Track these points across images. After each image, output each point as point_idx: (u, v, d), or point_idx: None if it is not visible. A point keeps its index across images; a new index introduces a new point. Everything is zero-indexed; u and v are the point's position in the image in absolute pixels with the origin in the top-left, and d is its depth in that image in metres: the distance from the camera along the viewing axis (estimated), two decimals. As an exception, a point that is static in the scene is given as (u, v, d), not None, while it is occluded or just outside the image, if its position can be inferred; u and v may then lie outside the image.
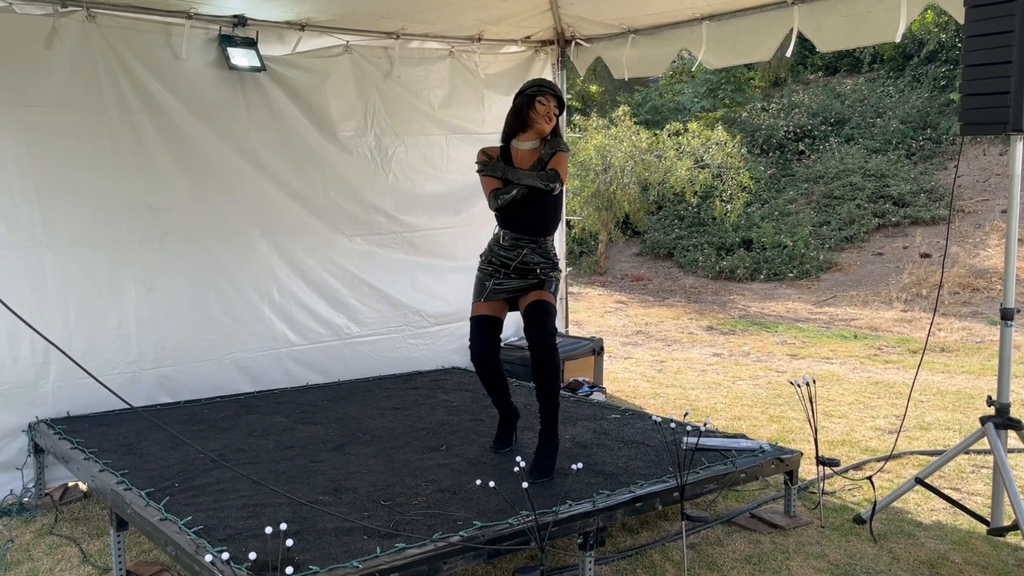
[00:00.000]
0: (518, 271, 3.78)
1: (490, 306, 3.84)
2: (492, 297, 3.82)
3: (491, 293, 3.81)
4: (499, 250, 3.82)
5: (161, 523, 2.99)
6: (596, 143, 13.35)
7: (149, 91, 4.64)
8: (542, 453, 3.61)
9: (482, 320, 3.84)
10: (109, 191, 4.52)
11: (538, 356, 3.62)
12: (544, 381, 3.63)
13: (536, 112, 3.77)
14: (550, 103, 3.79)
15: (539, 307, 3.69)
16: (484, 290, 3.84)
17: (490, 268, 3.85)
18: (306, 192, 5.25)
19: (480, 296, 3.86)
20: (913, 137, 14.98)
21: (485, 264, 3.89)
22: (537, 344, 3.62)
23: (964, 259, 11.52)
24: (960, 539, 3.72)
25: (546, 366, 3.62)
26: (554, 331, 3.70)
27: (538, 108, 3.77)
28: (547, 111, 3.78)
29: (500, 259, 3.80)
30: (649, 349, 8.65)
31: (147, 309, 4.65)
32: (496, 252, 3.83)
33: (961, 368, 7.44)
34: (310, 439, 4.10)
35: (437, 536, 2.86)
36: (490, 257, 3.86)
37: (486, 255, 3.89)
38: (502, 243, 3.81)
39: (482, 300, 3.84)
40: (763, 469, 3.84)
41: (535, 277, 3.77)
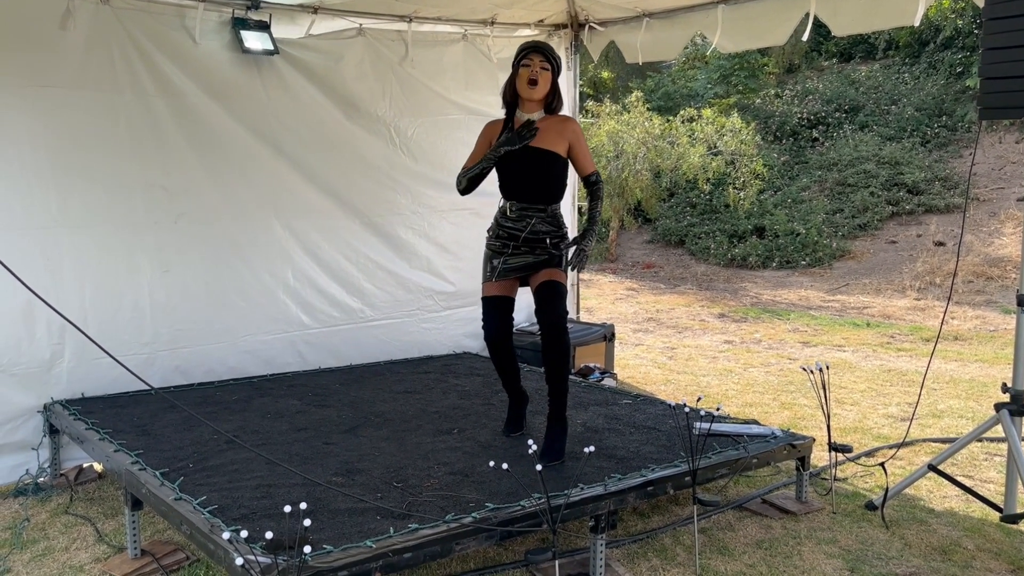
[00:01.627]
0: (528, 243, 3.69)
1: (500, 286, 3.78)
2: (502, 276, 3.75)
3: (500, 272, 3.74)
4: (506, 222, 3.73)
5: (176, 502, 3.01)
6: (608, 129, 13.30)
7: (164, 73, 4.64)
8: (552, 436, 3.61)
9: (492, 301, 3.78)
10: (124, 172, 4.53)
11: (549, 339, 3.59)
12: (554, 364, 3.60)
13: (520, 79, 3.66)
14: (534, 61, 3.63)
15: (551, 288, 3.63)
16: (493, 270, 3.76)
17: (497, 243, 3.76)
18: (322, 174, 5.25)
19: (490, 276, 3.78)
20: (928, 124, 14.85)
21: (492, 240, 3.79)
22: (548, 327, 3.59)
23: (979, 247, 11.44)
24: (972, 526, 3.71)
25: (556, 349, 3.59)
26: (565, 314, 3.65)
27: (521, 74, 3.65)
28: (529, 72, 3.62)
29: (508, 231, 3.72)
30: (660, 336, 8.64)
31: (162, 291, 4.67)
32: (503, 225, 3.74)
33: (975, 356, 7.40)
34: (323, 421, 4.12)
35: (450, 517, 2.87)
36: (497, 231, 3.77)
37: (493, 229, 3.80)
38: (508, 215, 3.71)
39: (493, 280, 3.77)
40: (775, 455, 3.83)
41: (545, 251, 3.69)
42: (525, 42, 3.79)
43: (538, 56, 3.64)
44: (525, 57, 3.65)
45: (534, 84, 3.62)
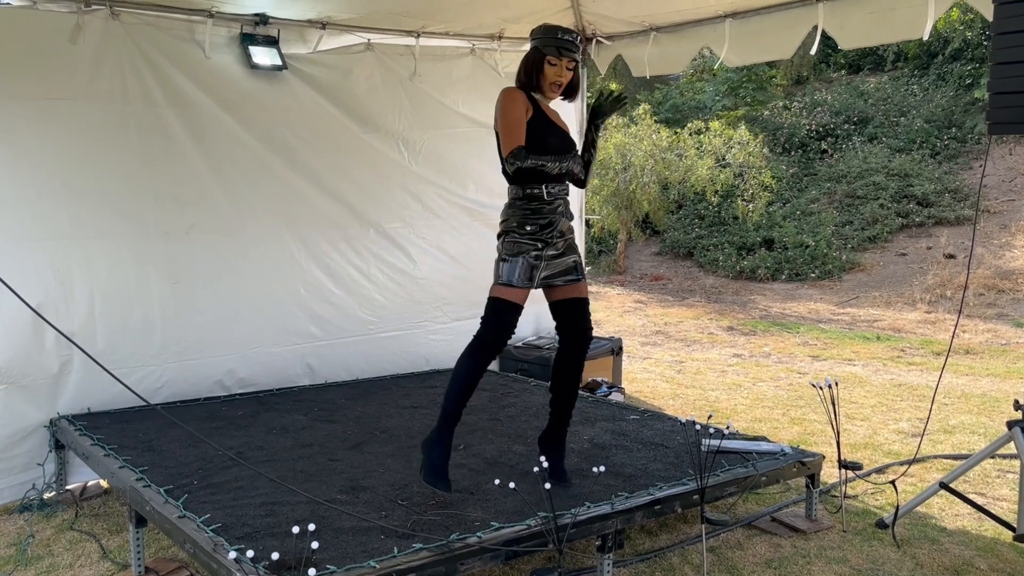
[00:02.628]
0: (562, 234, 3.41)
1: (527, 294, 3.38)
2: (540, 285, 3.42)
3: (539, 281, 3.39)
4: (544, 207, 3.35)
5: (179, 520, 3.00)
6: (616, 142, 13.30)
7: (174, 85, 4.66)
8: (563, 455, 3.57)
9: (517, 310, 3.34)
10: (135, 184, 4.54)
11: (579, 355, 3.50)
12: (576, 384, 3.53)
13: (544, 76, 3.38)
14: (561, 64, 3.37)
15: (585, 306, 3.51)
16: (532, 276, 3.33)
17: (544, 236, 3.34)
18: (333, 186, 5.26)
19: (528, 281, 3.32)
20: (937, 136, 14.80)
21: (535, 231, 3.34)
22: (584, 343, 3.50)
23: (989, 260, 11.37)
24: (985, 545, 3.66)
25: (580, 370, 3.53)
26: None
27: (547, 73, 3.38)
28: (557, 74, 3.37)
29: (547, 218, 3.35)
30: (668, 349, 8.60)
31: (172, 303, 4.67)
32: (542, 211, 3.35)
33: (986, 371, 7.34)
34: (329, 437, 4.10)
35: (454, 537, 2.84)
36: (535, 219, 3.34)
37: (526, 218, 3.34)
38: (547, 199, 3.36)
39: (532, 285, 3.35)
40: (784, 472, 3.79)
41: (575, 252, 3.48)
42: (550, 28, 3.42)
43: (567, 57, 3.38)
44: (554, 53, 3.36)
45: (558, 88, 3.43)
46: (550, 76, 3.39)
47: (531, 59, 3.42)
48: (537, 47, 3.41)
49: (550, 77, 3.39)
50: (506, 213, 3.44)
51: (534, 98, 3.43)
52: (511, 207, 3.42)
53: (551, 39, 3.38)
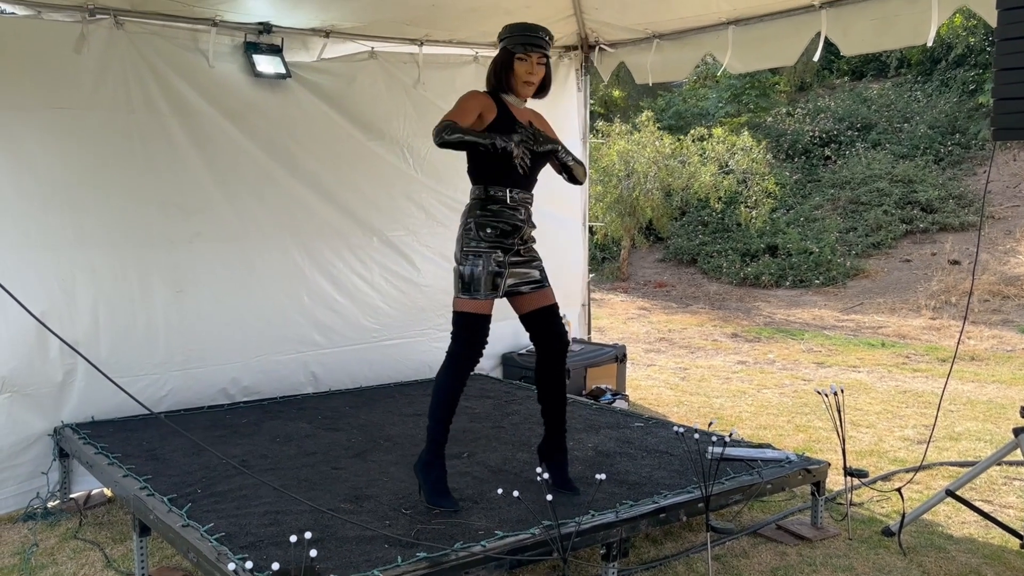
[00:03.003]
0: (524, 242, 3.37)
1: (492, 303, 3.31)
2: (503, 293, 3.35)
3: (507, 289, 3.35)
4: (510, 213, 3.29)
5: (183, 529, 2.99)
6: (619, 149, 13.31)
7: (178, 94, 4.67)
8: (566, 464, 3.55)
9: (486, 320, 3.28)
10: (139, 193, 4.55)
11: (558, 366, 3.46)
12: (562, 391, 3.49)
13: (514, 74, 3.32)
14: (531, 59, 3.30)
15: (556, 312, 3.48)
16: (496, 284, 3.27)
17: (506, 243, 3.29)
18: (337, 194, 5.27)
19: (491, 289, 3.26)
20: (941, 142, 14.78)
21: (494, 238, 3.26)
22: (560, 354, 3.46)
23: (994, 266, 11.34)
24: (992, 553, 3.63)
25: (563, 376, 3.48)
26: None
27: (517, 71, 3.31)
28: (528, 71, 3.30)
29: (511, 224, 3.30)
30: (672, 356, 8.59)
31: (176, 311, 4.67)
32: (505, 217, 3.29)
33: (992, 377, 7.31)
34: (332, 445, 4.09)
35: (458, 546, 2.83)
36: (496, 230, 3.28)
37: (488, 226, 3.27)
38: (510, 204, 3.30)
39: (497, 294, 3.30)
40: (790, 480, 3.78)
41: (538, 261, 3.43)
42: (516, 26, 3.35)
43: (536, 52, 3.31)
44: (521, 50, 3.30)
45: (530, 86, 3.36)
46: (521, 74, 3.32)
47: (500, 59, 3.37)
48: (505, 47, 3.35)
49: (521, 75, 3.32)
50: (465, 216, 3.36)
51: (504, 101, 3.36)
52: (471, 210, 3.35)
53: (518, 36, 3.33)
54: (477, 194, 3.36)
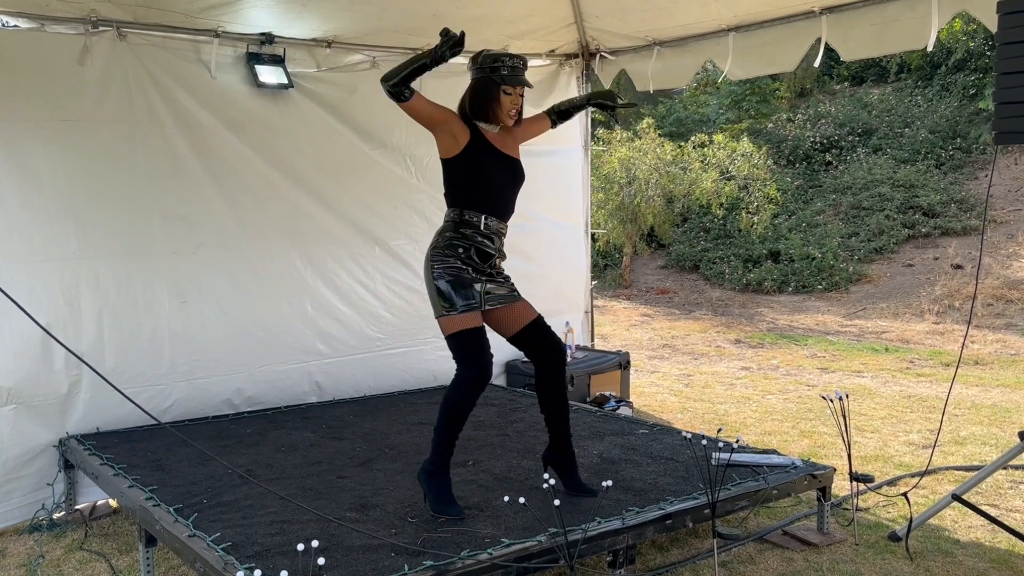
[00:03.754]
0: (495, 267, 3.37)
1: (480, 316, 3.29)
2: (488, 304, 3.32)
3: (485, 300, 3.30)
4: (481, 240, 3.28)
5: (190, 539, 2.99)
6: (620, 156, 13.33)
7: (181, 105, 4.69)
8: (576, 469, 3.54)
9: (480, 332, 3.25)
10: (143, 203, 4.57)
11: (559, 374, 3.44)
12: (564, 398, 3.48)
13: (500, 106, 3.30)
14: (516, 92, 3.29)
15: (543, 323, 3.46)
16: (473, 294, 3.25)
17: (476, 263, 3.27)
18: (340, 203, 5.28)
19: (474, 303, 3.25)
20: (942, 147, 14.80)
21: (464, 257, 3.25)
22: (559, 362, 3.43)
23: (997, 270, 11.33)
24: (999, 557, 3.62)
25: (564, 384, 3.46)
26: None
27: (504, 103, 3.30)
28: (513, 103, 3.29)
29: (484, 252, 3.30)
30: (676, 363, 8.58)
31: (180, 321, 4.68)
32: (477, 243, 3.27)
33: (996, 381, 7.30)
34: (337, 454, 4.09)
35: (465, 554, 2.83)
36: (468, 251, 3.27)
37: (459, 244, 3.26)
38: (484, 231, 3.29)
39: (480, 308, 3.27)
40: (795, 485, 3.77)
41: (510, 283, 3.42)
42: (499, 56, 3.33)
43: (520, 87, 3.33)
44: (510, 82, 3.30)
45: (515, 115, 3.35)
46: (507, 105, 3.32)
47: (482, 89, 3.32)
48: (490, 77, 3.31)
49: (507, 106, 3.32)
50: (436, 237, 3.35)
51: (476, 127, 3.35)
52: (442, 232, 3.33)
53: (504, 67, 3.30)
54: (452, 216, 3.34)
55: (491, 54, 3.36)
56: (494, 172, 3.33)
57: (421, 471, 3.36)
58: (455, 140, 3.30)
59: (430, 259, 3.33)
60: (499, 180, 3.36)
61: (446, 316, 3.26)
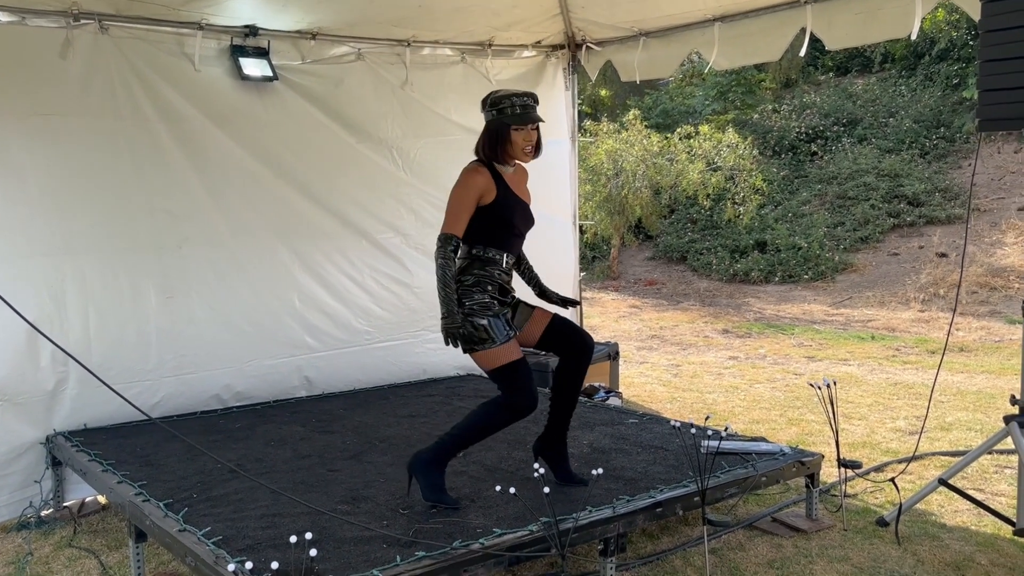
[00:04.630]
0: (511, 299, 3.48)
1: (516, 343, 3.37)
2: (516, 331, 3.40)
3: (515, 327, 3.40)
4: (501, 275, 3.40)
5: (180, 534, 2.98)
6: (607, 148, 13.34)
7: (165, 99, 4.66)
8: (567, 458, 3.56)
9: (523, 360, 3.31)
10: (127, 198, 4.53)
11: (583, 367, 3.49)
12: (579, 392, 3.54)
13: (513, 146, 3.33)
14: (528, 128, 3.31)
15: (560, 317, 3.53)
16: (508, 324, 3.34)
17: (500, 299, 3.37)
18: (326, 196, 5.25)
19: (509, 331, 3.32)
20: (927, 136, 14.88)
21: (494, 294, 3.34)
22: (587, 354, 3.48)
23: (981, 258, 11.42)
24: (986, 540, 3.66)
25: (584, 377, 3.53)
26: None
27: (516, 141, 3.32)
28: (527, 140, 3.31)
29: (504, 288, 3.41)
30: (664, 353, 8.61)
31: (167, 317, 4.66)
32: (500, 279, 3.40)
33: (981, 368, 7.36)
34: (327, 448, 4.09)
35: (457, 544, 2.83)
36: (494, 286, 3.36)
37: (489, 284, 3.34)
38: (505, 267, 3.42)
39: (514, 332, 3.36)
40: (784, 472, 3.79)
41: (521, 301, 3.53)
42: (506, 96, 3.32)
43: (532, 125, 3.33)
44: (519, 121, 3.30)
45: (529, 154, 3.37)
46: (520, 144, 3.33)
47: (494, 132, 3.33)
48: (500, 120, 3.32)
49: (520, 145, 3.33)
50: (459, 273, 3.34)
51: (499, 172, 3.38)
52: (468, 268, 3.36)
53: (512, 107, 3.30)
54: (476, 253, 3.37)
55: (498, 96, 3.36)
56: (518, 218, 3.44)
57: (416, 460, 3.35)
58: (488, 196, 3.35)
59: (462, 294, 3.32)
60: (520, 225, 3.47)
61: (489, 349, 3.28)
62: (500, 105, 3.32)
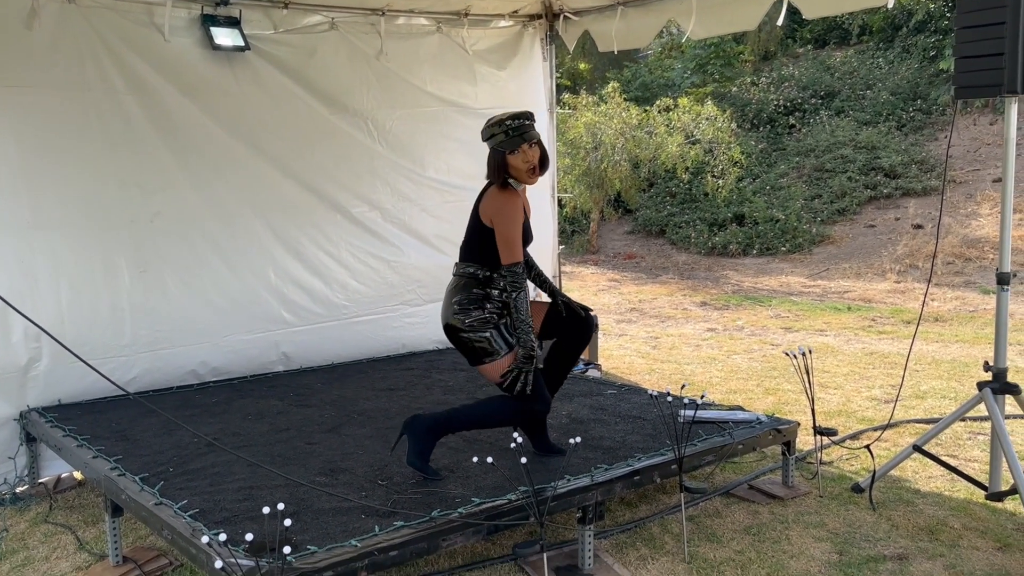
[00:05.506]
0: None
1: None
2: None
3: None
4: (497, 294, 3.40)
5: (156, 508, 2.96)
6: (586, 120, 13.27)
7: (134, 70, 4.56)
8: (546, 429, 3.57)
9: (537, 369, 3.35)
10: (97, 172, 4.45)
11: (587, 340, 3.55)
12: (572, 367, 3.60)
13: (515, 170, 3.31)
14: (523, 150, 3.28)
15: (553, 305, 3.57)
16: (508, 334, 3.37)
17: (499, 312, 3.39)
18: (300, 169, 5.17)
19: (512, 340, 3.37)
20: (903, 108, 14.94)
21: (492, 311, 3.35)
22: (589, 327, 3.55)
23: (956, 229, 11.52)
24: (958, 505, 3.72)
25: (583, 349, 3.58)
26: None
27: (518, 165, 3.30)
28: (528, 160, 3.29)
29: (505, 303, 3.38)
30: (643, 326, 8.64)
31: (140, 292, 4.60)
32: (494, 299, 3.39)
33: (955, 337, 7.45)
34: (305, 421, 4.07)
35: (436, 513, 2.84)
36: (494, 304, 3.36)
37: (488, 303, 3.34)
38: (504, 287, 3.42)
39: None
40: (760, 440, 3.83)
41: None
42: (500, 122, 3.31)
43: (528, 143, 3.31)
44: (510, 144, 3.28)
45: (534, 172, 3.35)
46: (521, 167, 3.31)
47: (497, 161, 3.33)
48: (495, 148, 3.32)
49: (522, 168, 3.31)
50: (471, 288, 3.35)
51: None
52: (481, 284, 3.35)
53: (504, 132, 3.29)
54: (487, 273, 3.36)
55: (489, 124, 3.34)
56: (527, 238, 3.44)
57: (414, 421, 3.33)
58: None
59: (463, 310, 3.33)
60: (526, 243, 3.45)
61: (496, 361, 3.31)
62: (492, 134, 3.32)
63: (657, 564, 3.23)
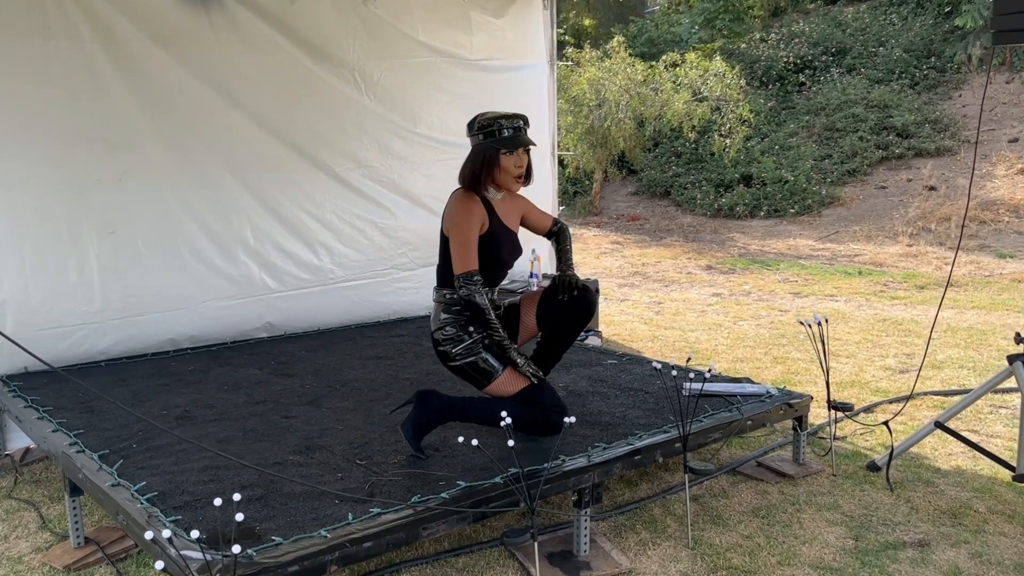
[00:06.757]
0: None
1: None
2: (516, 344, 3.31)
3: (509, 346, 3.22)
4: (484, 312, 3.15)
5: (112, 489, 2.71)
6: (589, 76, 12.84)
7: (101, 17, 4.22)
8: None
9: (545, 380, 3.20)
10: (61, 127, 4.14)
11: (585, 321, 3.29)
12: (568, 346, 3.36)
13: (503, 172, 3.10)
14: (519, 153, 3.10)
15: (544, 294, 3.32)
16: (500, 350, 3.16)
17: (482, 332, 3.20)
18: (281, 125, 4.85)
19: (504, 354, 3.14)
20: (917, 66, 14.48)
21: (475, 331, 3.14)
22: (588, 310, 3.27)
23: (971, 191, 11.16)
24: (982, 486, 3.47)
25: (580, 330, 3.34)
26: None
27: (506, 167, 3.10)
28: (517, 165, 3.11)
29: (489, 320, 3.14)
30: (646, 290, 8.36)
31: (110, 254, 4.32)
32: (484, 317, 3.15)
33: (971, 303, 7.16)
34: (284, 392, 3.82)
35: (416, 499, 2.58)
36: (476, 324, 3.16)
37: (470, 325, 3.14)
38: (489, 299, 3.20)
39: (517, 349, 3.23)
40: (771, 415, 3.56)
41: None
42: (494, 120, 3.11)
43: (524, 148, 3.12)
44: (508, 146, 3.08)
45: (520, 180, 3.15)
46: (511, 170, 3.11)
47: (482, 158, 3.11)
48: (488, 144, 3.10)
49: (511, 171, 3.11)
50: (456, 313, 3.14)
51: (488, 201, 3.16)
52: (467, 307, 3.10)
53: (502, 130, 3.09)
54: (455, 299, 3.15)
55: (486, 119, 3.13)
56: (506, 252, 3.23)
57: (429, 396, 3.09)
58: (482, 227, 3.14)
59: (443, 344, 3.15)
60: (508, 258, 3.26)
61: (496, 381, 3.13)
62: (488, 128, 3.11)
63: (658, 550, 2.99)
